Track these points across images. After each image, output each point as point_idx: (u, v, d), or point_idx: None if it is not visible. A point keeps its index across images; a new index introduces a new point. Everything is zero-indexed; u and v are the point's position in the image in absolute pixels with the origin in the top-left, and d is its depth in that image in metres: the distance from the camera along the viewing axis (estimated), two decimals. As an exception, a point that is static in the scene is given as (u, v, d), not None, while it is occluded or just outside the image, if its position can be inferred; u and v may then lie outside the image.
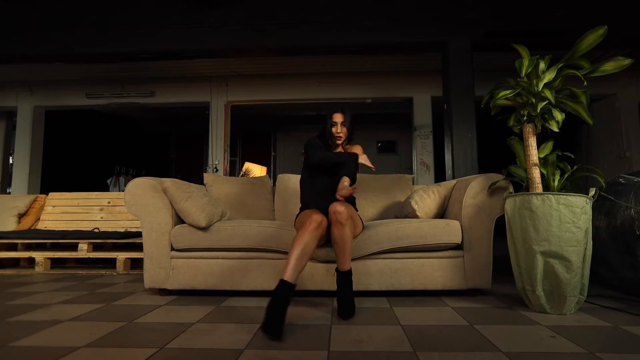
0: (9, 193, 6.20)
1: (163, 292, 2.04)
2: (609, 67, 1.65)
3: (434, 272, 1.97)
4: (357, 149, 2.09)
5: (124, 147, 7.97)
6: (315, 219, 1.60)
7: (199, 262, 2.02)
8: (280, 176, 2.70)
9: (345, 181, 1.79)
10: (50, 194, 3.55)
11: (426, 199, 2.14)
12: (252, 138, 9.15)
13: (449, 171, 4.12)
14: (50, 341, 1.32)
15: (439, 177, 5.94)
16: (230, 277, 2.00)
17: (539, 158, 1.79)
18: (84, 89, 6.04)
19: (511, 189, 1.95)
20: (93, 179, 7.24)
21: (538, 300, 1.64)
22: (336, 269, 1.71)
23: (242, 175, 5.54)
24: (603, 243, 2.05)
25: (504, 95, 1.76)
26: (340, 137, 2.04)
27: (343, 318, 1.58)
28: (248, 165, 5.92)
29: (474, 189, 1.99)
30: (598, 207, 2.10)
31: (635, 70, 5.38)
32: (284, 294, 1.43)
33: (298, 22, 4.04)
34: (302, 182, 2.09)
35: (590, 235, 1.64)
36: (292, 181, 2.61)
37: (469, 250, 1.97)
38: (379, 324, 1.51)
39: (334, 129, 2.03)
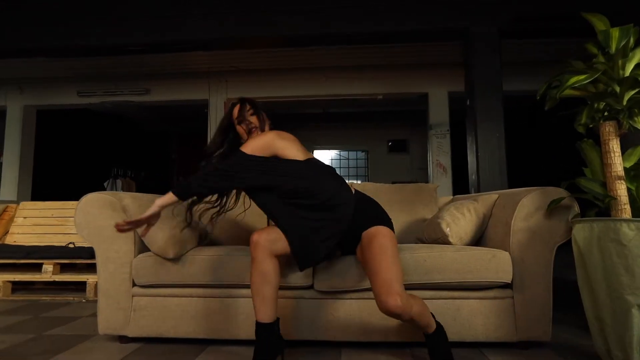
0: (-2, 197, 5.86)
1: (123, 339, 1.60)
2: None
3: (473, 317, 1.49)
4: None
5: (122, 148, 7.60)
6: (255, 239, 1.28)
7: (168, 301, 1.57)
8: (277, 186, 2.24)
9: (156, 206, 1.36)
10: (22, 203, 3.16)
11: (460, 219, 1.66)
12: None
13: (472, 176, 3.63)
14: None
15: (458, 180, 5.43)
16: (209, 322, 1.55)
17: (625, 168, 1.30)
18: (75, 87, 5.67)
19: (577, 210, 1.47)
20: (89, 182, 6.87)
21: (632, 372, 1.16)
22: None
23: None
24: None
25: (577, 81, 1.27)
26: (255, 127, 1.53)
27: None
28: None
29: (526, 208, 1.50)
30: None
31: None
32: (263, 337, 1.25)
33: (302, 9, 3.56)
34: None
35: None
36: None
37: (521, 290, 1.49)
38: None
39: (239, 127, 1.57)
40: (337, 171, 1.53)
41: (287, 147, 1.39)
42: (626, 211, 1.26)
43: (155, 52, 4.44)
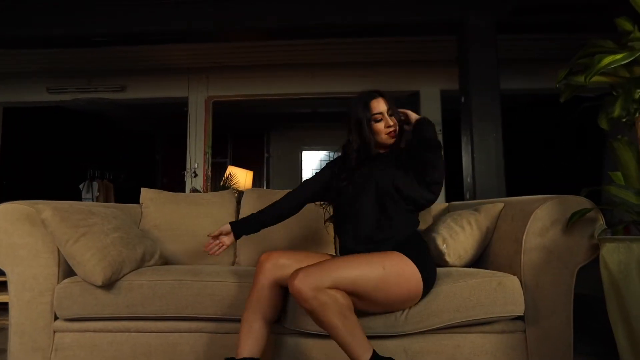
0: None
1: (42, 386, 1.29)
2: None
3: (477, 357, 1.21)
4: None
5: (99, 148, 7.21)
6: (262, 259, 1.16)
7: (99, 337, 1.26)
8: (247, 192, 1.94)
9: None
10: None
11: (459, 234, 1.37)
12: (243, 138, 8.42)
13: (467, 179, 3.38)
14: None
15: (451, 182, 5.17)
16: (149, 363, 1.24)
17: (668, 174, 1.03)
18: (44, 82, 5.29)
19: (603, 223, 1.20)
20: (63, 184, 6.49)
21: None
22: None
23: (225, 181, 4.78)
24: None
25: (613, 62, 0.99)
26: (394, 132, 1.29)
27: None
28: (231, 169, 5.17)
29: (540, 221, 1.23)
30: None
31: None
32: None
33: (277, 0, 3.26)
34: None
35: None
36: (262, 199, 1.84)
37: (536, 322, 1.21)
38: None
39: (380, 125, 1.28)
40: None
41: None
42: (672, 228, 0.99)
43: (125, 44, 4.12)
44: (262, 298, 1.11)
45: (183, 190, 5.32)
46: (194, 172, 5.22)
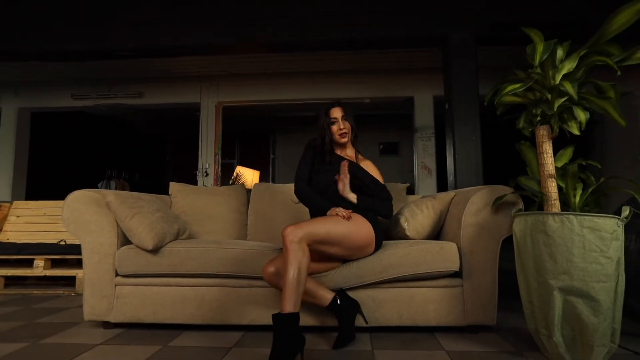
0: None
1: (106, 325, 1.73)
2: (646, 53, 1.31)
3: (426, 304, 1.63)
4: (371, 167, 1.79)
5: (116, 150, 7.72)
6: (265, 277, 1.51)
7: (147, 290, 1.71)
8: (256, 185, 2.38)
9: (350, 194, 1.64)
10: (15, 202, 3.28)
11: (418, 215, 1.80)
12: (250, 140, 8.86)
13: (450, 177, 3.78)
14: None
15: (442, 181, 5.58)
16: (184, 308, 1.68)
17: (556, 168, 1.45)
18: (69, 89, 5.79)
19: (521, 205, 1.61)
20: (83, 183, 6.96)
21: (556, 348, 1.30)
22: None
23: (234, 180, 5.23)
24: (635, 269, 1.69)
25: (513, 89, 1.42)
26: (345, 132, 1.75)
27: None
28: (240, 169, 5.62)
29: (475, 205, 1.65)
30: (628, 226, 1.75)
31: (655, 66, 4.98)
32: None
33: (287, 16, 3.71)
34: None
35: (622, 267, 1.30)
36: (269, 191, 2.28)
37: (470, 279, 1.63)
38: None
39: (334, 127, 1.75)
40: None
41: None
42: (555, 206, 1.40)
43: (148, 56, 4.58)
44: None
45: (194, 189, 5.76)
46: (206, 171, 5.68)
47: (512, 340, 1.56)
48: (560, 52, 1.41)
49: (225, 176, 7.03)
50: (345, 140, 1.76)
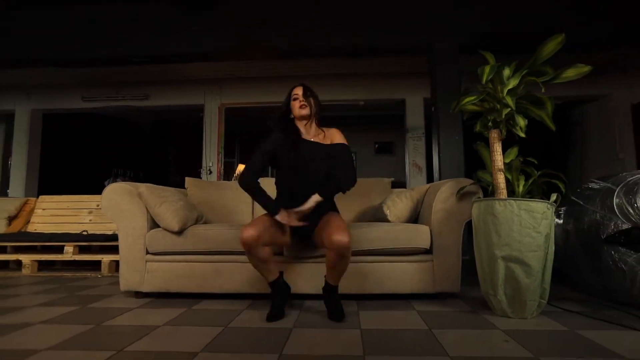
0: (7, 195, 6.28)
1: (138, 294, 2.08)
2: (571, 73, 1.67)
3: (403, 276, 1.99)
4: (336, 135, 1.84)
5: (122, 149, 8.05)
6: (245, 239, 1.59)
7: (173, 265, 2.06)
8: (260, 180, 2.72)
9: (312, 201, 1.71)
10: (41, 197, 3.61)
11: (398, 203, 2.16)
12: (249, 139, 9.19)
13: (436, 174, 4.15)
14: (13, 344, 1.37)
15: (431, 179, 5.95)
16: (203, 280, 2.03)
17: (505, 163, 1.81)
18: (79, 92, 6.12)
19: (480, 194, 1.98)
20: (91, 181, 7.30)
21: (500, 304, 1.66)
22: (326, 279, 1.72)
23: (236, 177, 5.57)
24: (573, 247, 2.06)
25: (470, 101, 1.78)
26: (305, 105, 1.79)
27: (336, 320, 1.64)
28: (241, 167, 5.96)
29: (444, 194, 2.01)
30: (568, 212, 2.11)
31: (629, 71, 5.37)
32: (275, 289, 1.73)
33: (287, 26, 4.07)
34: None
35: (552, 241, 1.66)
36: (269, 183, 2.63)
37: (438, 255, 1.99)
38: (339, 328, 1.53)
39: (295, 102, 1.81)
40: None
41: None
42: (503, 194, 1.76)
43: (156, 62, 4.91)
44: (258, 257, 1.63)
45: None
46: (209, 169, 6.02)
47: (471, 304, 1.92)
48: (507, 71, 1.77)
49: (227, 174, 7.37)
50: (305, 112, 1.79)
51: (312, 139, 1.84)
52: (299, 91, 1.85)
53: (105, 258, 2.91)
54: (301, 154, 1.78)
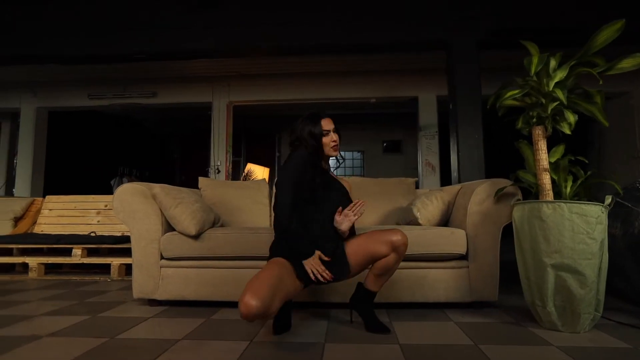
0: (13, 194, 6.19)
1: (152, 302, 1.96)
2: (627, 64, 1.53)
3: (436, 283, 1.85)
4: (346, 184, 1.71)
5: (128, 148, 7.95)
6: (248, 314, 1.19)
7: (189, 271, 1.93)
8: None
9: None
10: (47, 197, 3.50)
11: (429, 205, 2.02)
12: (256, 138, 9.07)
13: (454, 173, 4.00)
14: (22, 361, 1.24)
15: (445, 178, 5.80)
16: (222, 287, 1.90)
17: (550, 163, 1.67)
18: (85, 90, 6.02)
19: (519, 196, 1.83)
20: (96, 180, 7.22)
21: (549, 316, 1.52)
22: (364, 286, 1.57)
23: (244, 177, 5.45)
24: (619, 252, 1.91)
25: (512, 95, 1.64)
26: (337, 145, 1.63)
27: (380, 332, 1.50)
28: (250, 166, 5.84)
29: (479, 195, 1.87)
30: (614, 214, 1.97)
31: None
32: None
33: (297, 22, 3.93)
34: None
35: (606, 247, 1.52)
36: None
37: (474, 260, 1.85)
38: (376, 343, 1.40)
39: (327, 139, 1.60)
40: (334, 172, 1.83)
41: None
42: (549, 195, 1.62)
43: (163, 59, 4.78)
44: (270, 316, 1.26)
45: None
46: (217, 168, 5.90)
47: (512, 314, 1.78)
48: (553, 63, 1.62)
49: (235, 173, 7.26)
50: (336, 153, 1.65)
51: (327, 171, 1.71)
52: (329, 125, 1.61)
53: (115, 261, 2.79)
54: (329, 193, 1.60)
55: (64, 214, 3.40)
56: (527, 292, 1.62)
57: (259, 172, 6.02)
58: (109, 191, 7.29)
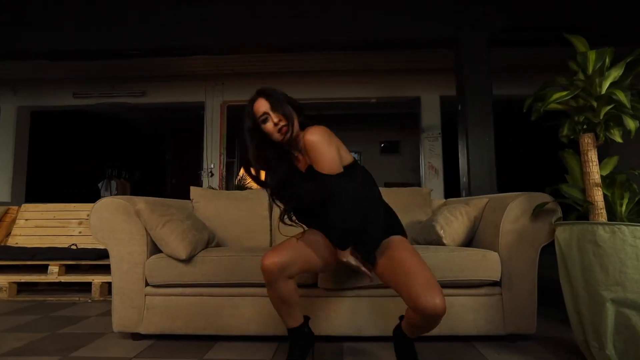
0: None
1: (136, 336, 1.69)
2: (697, 62, 1.30)
3: (465, 313, 1.61)
4: (309, 147, 1.21)
5: (116, 149, 7.60)
6: (267, 267, 1.19)
7: (179, 300, 1.66)
8: (278, 189, 2.33)
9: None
10: (23, 205, 3.20)
11: (453, 222, 1.78)
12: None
13: (463, 178, 3.77)
14: None
15: (449, 181, 5.59)
16: (218, 319, 1.64)
17: (601, 176, 1.43)
18: (70, 88, 5.68)
19: (560, 213, 1.60)
20: (83, 183, 6.88)
21: (607, 360, 1.29)
22: (402, 330, 1.30)
23: (239, 181, 5.17)
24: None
25: (559, 98, 1.40)
26: (284, 125, 1.26)
27: None
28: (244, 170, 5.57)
29: (513, 212, 1.63)
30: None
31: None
32: (295, 339, 1.32)
33: (297, 17, 3.66)
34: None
35: (673, 278, 1.29)
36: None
37: (509, 287, 1.61)
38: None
39: (268, 125, 1.26)
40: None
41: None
42: (602, 215, 1.39)
43: (152, 56, 4.49)
44: (281, 292, 1.24)
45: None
46: (211, 171, 5.61)
47: (553, 349, 1.54)
48: (606, 60, 1.39)
49: (229, 177, 6.96)
50: (289, 135, 1.27)
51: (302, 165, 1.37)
52: (263, 107, 1.27)
53: (97, 279, 2.51)
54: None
55: (41, 224, 3.10)
56: (577, 329, 1.39)
57: (255, 175, 5.73)
58: (96, 195, 6.96)
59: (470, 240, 1.84)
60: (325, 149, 1.21)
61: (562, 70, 1.57)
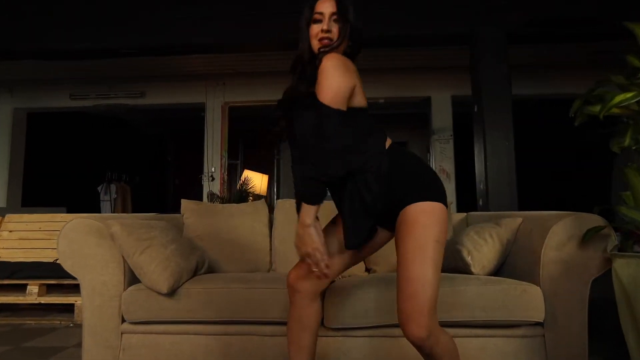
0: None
1: (111, 381, 1.45)
2: None
3: (499, 357, 1.35)
4: (331, 57, 1.01)
5: (116, 152, 7.41)
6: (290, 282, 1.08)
7: (161, 339, 1.42)
8: (279, 202, 2.09)
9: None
10: (7, 216, 2.98)
11: (483, 246, 1.51)
12: (254, 140, 8.57)
13: (480, 185, 3.50)
14: None
15: (461, 186, 5.29)
16: (206, 362, 1.39)
17: (673, 198, 1.16)
18: (67, 89, 5.49)
19: (615, 240, 1.33)
20: (82, 187, 6.69)
21: None
22: None
23: (241, 186, 4.95)
24: None
25: (625, 100, 1.13)
26: (327, 38, 1.04)
27: None
28: (247, 173, 5.35)
29: (558, 237, 1.36)
30: None
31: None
32: None
33: (300, 13, 3.42)
34: None
35: None
36: (294, 209, 1.99)
37: (553, 328, 1.34)
38: None
39: (315, 27, 1.06)
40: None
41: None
42: (677, 246, 1.12)
43: (151, 55, 4.28)
44: (304, 315, 1.09)
45: (198, 193, 5.50)
46: (212, 175, 5.38)
47: (609, 406, 1.28)
48: (682, 54, 1.12)
49: (230, 179, 6.74)
50: (324, 51, 1.04)
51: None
52: (325, 8, 1.06)
53: (79, 300, 2.27)
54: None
55: (26, 237, 2.88)
56: (646, 388, 1.12)
57: (257, 179, 5.53)
58: (95, 199, 6.79)
59: (500, 267, 1.58)
60: (334, 76, 0.98)
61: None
